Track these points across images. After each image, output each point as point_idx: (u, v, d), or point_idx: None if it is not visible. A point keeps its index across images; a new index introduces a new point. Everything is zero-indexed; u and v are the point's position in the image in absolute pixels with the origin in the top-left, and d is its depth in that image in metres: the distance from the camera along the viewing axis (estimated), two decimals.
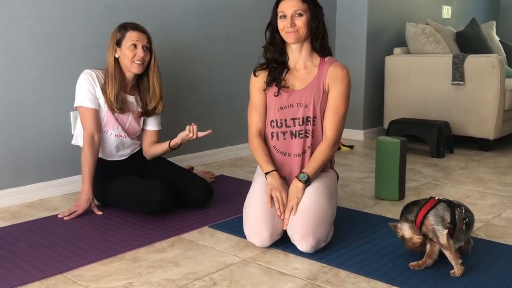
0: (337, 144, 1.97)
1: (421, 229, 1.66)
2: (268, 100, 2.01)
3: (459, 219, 1.64)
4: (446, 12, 5.13)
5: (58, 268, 1.67)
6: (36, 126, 2.44)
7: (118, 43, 2.22)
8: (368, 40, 4.11)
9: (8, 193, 2.37)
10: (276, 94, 1.97)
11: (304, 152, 1.96)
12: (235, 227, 2.04)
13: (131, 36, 2.21)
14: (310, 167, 1.90)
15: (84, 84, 2.20)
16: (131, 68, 2.24)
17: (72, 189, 2.56)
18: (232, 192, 2.56)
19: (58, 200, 2.46)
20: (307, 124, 1.95)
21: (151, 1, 2.85)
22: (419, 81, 3.87)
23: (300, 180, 1.87)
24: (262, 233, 1.80)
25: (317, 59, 1.99)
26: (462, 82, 3.64)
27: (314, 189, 1.87)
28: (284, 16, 1.91)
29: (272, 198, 1.86)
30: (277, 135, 1.99)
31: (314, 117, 1.95)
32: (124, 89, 2.29)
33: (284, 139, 1.98)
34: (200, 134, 2.28)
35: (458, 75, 3.64)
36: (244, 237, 1.89)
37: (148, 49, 2.26)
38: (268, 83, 1.99)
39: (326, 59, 1.98)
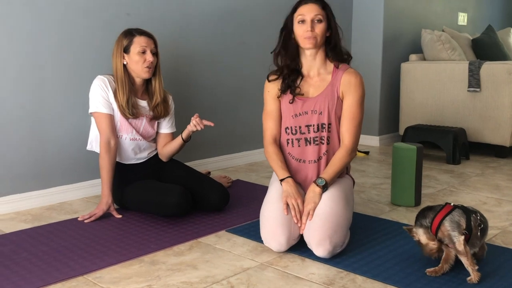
0: (355, 151, 1.98)
1: (437, 235, 1.66)
2: (283, 107, 2.03)
3: (475, 225, 1.65)
4: (462, 19, 5.11)
5: (79, 270, 1.70)
6: (57, 130, 2.49)
7: (126, 50, 2.24)
8: (384, 47, 4.11)
9: (30, 196, 2.42)
10: (291, 101, 1.99)
11: (319, 158, 1.98)
12: (252, 232, 2.06)
13: (140, 42, 2.23)
14: (328, 172, 1.91)
15: (98, 90, 2.23)
16: (141, 73, 2.26)
17: (92, 192, 2.61)
18: (249, 197, 2.58)
19: (78, 204, 2.50)
20: (322, 131, 1.96)
21: (170, 8, 2.90)
22: (435, 87, 3.86)
23: (317, 185, 1.88)
24: (279, 238, 1.82)
25: (330, 66, 1.99)
26: (478, 89, 3.62)
27: (330, 194, 1.88)
28: (303, 21, 1.91)
29: (288, 205, 1.87)
30: (292, 142, 2.01)
31: (329, 124, 1.96)
32: (135, 94, 2.32)
33: (299, 146, 1.99)
34: (205, 122, 2.31)
35: (474, 82, 3.63)
36: (261, 241, 1.91)
37: (155, 53, 2.29)
38: (283, 91, 2.00)
39: (340, 65, 1.98)
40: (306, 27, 1.90)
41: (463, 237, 1.60)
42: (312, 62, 1.99)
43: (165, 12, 2.88)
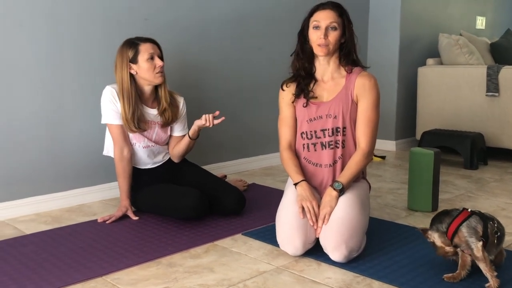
0: (371, 154, 1.98)
1: (453, 240, 1.65)
2: (298, 113, 2.03)
3: (491, 232, 1.63)
4: (480, 23, 5.07)
5: (98, 271, 1.73)
6: (76, 134, 2.53)
7: (133, 60, 2.21)
8: (400, 51, 4.10)
9: (50, 198, 2.46)
10: (305, 105, 1.99)
11: (335, 162, 1.98)
12: (268, 235, 2.07)
13: (147, 49, 2.22)
14: (345, 176, 1.91)
15: (107, 104, 2.25)
16: (153, 80, 2.25)
17: (110, 195, 2.64)
18: (264, 201, 2.59)
19: (97, 206, 2.54)
20: (337, 135, 1.96)
21: (188, 13, 2.93)
22: (453, 92, 3.83)
23: (334, 189, 1.88)
24: (295, 241, 1.82)
25: (344, 69, 1.99)
26: (496, 94, 3.59)
27: (347, 199, 1.88)
28: (318, 27, 1.91)
29: (303, 208, 1.87)
30: (308, 147, 2.01)
31: (344, 128, 1.96)
32: (145, 103, 2.33)
33: (315, 150, 2.00)
34: (216, 121, 2.30)
35: (492, 86, 3.60)
36: (277, 245, 1.91)
37: (161, 58, 2.28)
38: (297, 95, 2.01)
39: (353, 69, 1.98)
40: (320, 33, 1.90)
41: (481, 243, 1.59)
42: (326, 67, 1.99)
43: (182, 17, 2.91)
